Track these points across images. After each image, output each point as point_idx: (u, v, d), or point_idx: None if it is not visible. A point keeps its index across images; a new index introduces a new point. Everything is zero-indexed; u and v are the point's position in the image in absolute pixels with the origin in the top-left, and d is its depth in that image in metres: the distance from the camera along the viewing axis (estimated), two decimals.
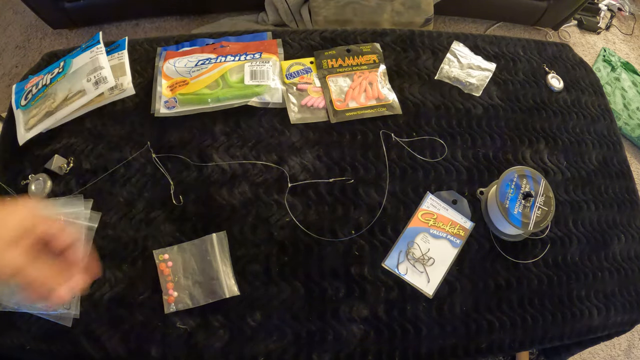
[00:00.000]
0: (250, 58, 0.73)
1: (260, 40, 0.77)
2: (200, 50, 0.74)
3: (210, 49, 0.74)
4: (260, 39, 0.77)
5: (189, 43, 0.76)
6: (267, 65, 0.72)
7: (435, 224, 0.66)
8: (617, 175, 0.76)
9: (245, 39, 0.77)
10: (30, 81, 0.71)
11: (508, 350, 0.63)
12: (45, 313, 0.58)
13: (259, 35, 0.78)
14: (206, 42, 0.76)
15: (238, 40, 0.77)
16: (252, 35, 0.78)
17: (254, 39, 0.77)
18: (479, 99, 0.75)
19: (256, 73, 0.71)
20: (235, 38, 0.77)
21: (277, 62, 0.73)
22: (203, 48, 0.75)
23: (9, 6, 1.56)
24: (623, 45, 1.73)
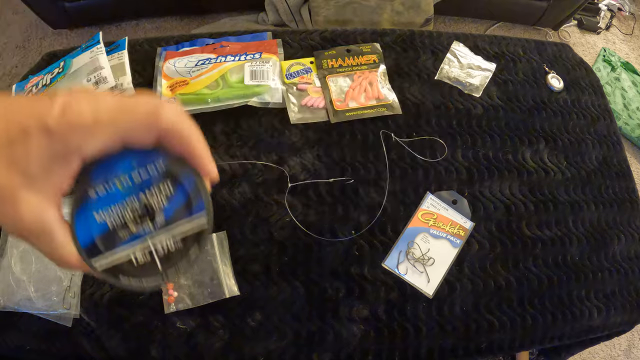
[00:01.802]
0: (250, 58, 0.73)
1: (260, 40, 0.77)
2: (200, 50, 0.74)
3: (210, 49, 0.74)
4: (260, 39, 0.77)
5: (189, 43, 0.76)
6: (267, 65, 0.72)
7: (435, 224, 0.66)
8: (617, 175, 0.76)
9: (245, 39, 0.77)
10: (30, 81, 0.71)
11: (508, 350, 0.63)
12: (45, 313, 0.58)
13: (259, 35, 0.78)
14: (206, 42, 0.76)
15: (238, 40, 0.77)
16: (252, 35, 0.78)
17: (254, 39, 0.77)
18: (479, 99, 0.75)
19: (256, 73, 0.71)
20: (235, 38, 0.77)
21: (277, 62, 0.73)
22: (203, 48, 0.75)
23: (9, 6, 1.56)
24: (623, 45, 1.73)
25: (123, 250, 0.26)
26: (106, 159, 0.25)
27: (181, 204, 0.26)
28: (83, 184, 0.25)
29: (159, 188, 0.26)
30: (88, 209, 0.25)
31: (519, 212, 0.68)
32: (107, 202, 0.26)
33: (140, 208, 0.26)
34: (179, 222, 0.26)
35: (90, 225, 0.25)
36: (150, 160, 0.26)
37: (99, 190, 0.25)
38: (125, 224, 0.26)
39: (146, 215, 0.26)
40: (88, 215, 0.25)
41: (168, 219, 0.26)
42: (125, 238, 0.26)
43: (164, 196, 0.26)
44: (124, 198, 0.26)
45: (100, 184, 0.25)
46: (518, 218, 0.68)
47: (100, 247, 0.25)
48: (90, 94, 0.23)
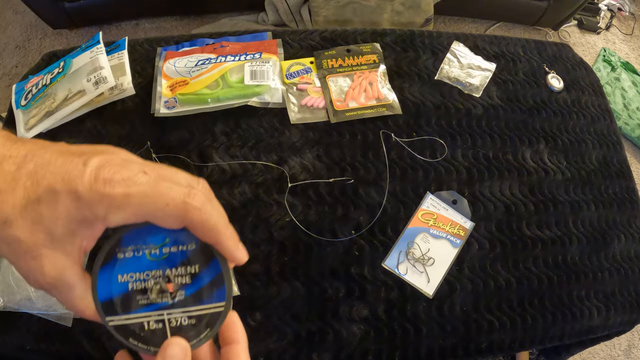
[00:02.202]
0: (250, 58, 0.73)
1: (260, 40, 0.77)
2: (200, 50, 0.74)
3: (210, 49, 0.74)
4: (260, 39, 0.77)
5: (189, 43, 0.76)
6: (267, 65, 0.72)
7: (435, 224, 0.66)
8: (617, 175, 0.76)
9: (245, 39, 0.77)
10: (30, 81, 0.71)
11: (508, 350, 0.63)
12: (45, 313, 0.58)
13: (259, 35, 0.78)
14: (206, 42, 0.76)
15: (238, 40, 0.77)
16: (252, 35, 0.78)
17: (254, 39, 0.77)
18: (479, 99, 0.75)
19: (256, 73, 0.71)
20: (235, 38, 0.77)
21: (277, 62, 0.73)
22: (203, 48, 0.75)
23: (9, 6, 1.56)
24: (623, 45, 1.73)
25: (138, 315, 0.27)
26: (142, 225, 0.26)
27: (203, 287, 0.28)
28: (113, 243, 0.27)
29: (185, 267, 0.28)
30: (113, 269, 0.27)
31: (519, 212, 0.68)
32: (132, 267, 0.27)
33: (162, 281, 0.27)
34: (197, 304, 0.28)
35: (111, 284, 0.27)
36: (182, 240, 0.27)
37: (127, 254, 0.27)
38: (145, 292, 0.27)
39: (167, 288, 0.27)
40: (111, 275, 0.27)
41: (187, 298, 0.27)
42: (142, 305, 0.27)
43: (188, 276, 0.28)
44: (149, 268, 0.27)
45: (130, 249, 0.27)
46: (518, 218, 0.68)
47: (117, 306, 0.27)
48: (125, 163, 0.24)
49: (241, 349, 0.30)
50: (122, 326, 0.27)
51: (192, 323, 0.28)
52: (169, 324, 0.27)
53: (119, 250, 0.27)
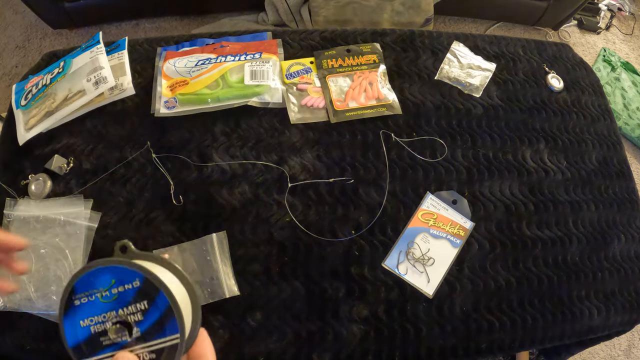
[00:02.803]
0: (250, 58, 0.73)
1: (260, 40, 0.77)
2: (200, 50, 0.74)
3: (210, 49, 0.74)
4: (260, 39, 0.77)
5: (189, 43, 0.76)
6: (267, 65, 0.72)
7: (435, 224, 0.66)
8: (617, 175, 0.76)
9: (245, 39, 0.77)
10: (30, 81, 0.71)
11: (508, 350, 0.63)
12: (45, 313, 0.58)
13: (259, 35, 0.78)
14: (206, 42, 0.76)
15: (238, 40, 0.77)
16: (252, 35, 0.78)
17: (254, 39, 0.77)
18: (479, 99, 0.75)
19: (256, 73, 0.71)
20: (235, 38, 0.77)
21: (277, 62, 0.73)
22: (203, 48, 0.75)
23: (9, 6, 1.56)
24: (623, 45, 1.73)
25: (105, 355, 0.29)
26: (90, 272, 0.29)
27: (155, 322, 0.29)
28: (68, 293, 0.29)
29: (135, 305, 0.29)
30: (75, 315, 0.29)
31: (519, 212, 0.68)
32: (89, 312, 0.29)
33: (118, 320, 0.29)
34: (153, 338, 0.29)
35: (76, 329, 0.29)
36: (126, 279, 0.29)
37: (83, 300, 0.29)
38: (106, 333, 0.29)
39: (124, 326, 0.29)
40: (74, 321, 0.29)
41: (143, 333, 0.29)
42: (106, 345, 0.29)
43: (139, 313, 0.29)
44: (104, 310, 0.29)
45: (84, 295, 0.29)
46: (518, 218, 0.68)
47: (85, 350, 0.29)
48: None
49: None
50: None
51: (153, 357, 0.29)
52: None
53: (75, 298, 0.29)
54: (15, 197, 0.64)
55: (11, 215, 0.62)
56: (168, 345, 0.29)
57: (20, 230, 0.61)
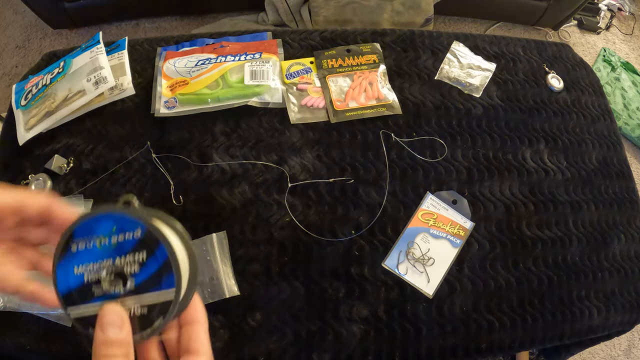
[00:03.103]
0: (250, 58, 0.73)
1: (260, 40, 0.77)
2: (200, 50, 0.74)
3: (210, 49, 0.74)
4: (260, 39, 0.77)
5: (189, 43, 0.76)
6: (267, 65, 0.72)
7: (435, 224, 0.66)
8: (617, 175, 0.76)
9: (245, 39, 0.77)
10: (30, 81, 0.71)
11: (508, 350, 0.63)
12: (45, 313, 0.58)
13: (259, 35, 0.78)
14: (206, 42, 0.76)
15: (238, 40, 0.77)
16: (252, 35, 0.78)
17: (254, 39, 0.77)
18: (479, 99, 0.75)
19: (256, 73, 0.71)
20: (235, 38, 0.77)
21: (277, 62, 0.73)
22: (203, 48, 0.75)
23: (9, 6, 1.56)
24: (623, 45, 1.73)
25: (94, 305, 0.28)
26: (92, 218, 0.28)
27: (152, 275, 0.28)
28: (67, 237, 0.28)
29: (133, 255, 0.28)
30: (69, 262, 0.28)
31: (519, 212, 0.68)
32: (85, 259, 0.28)
33: (114, 270, 0.28)
34: (147, 291, 0.28)
35: (69, 276, 0.28)
36: (128, 227, 0.28)
37: (80, 246, 0.28)
38: (99, 282, 0.28)
39: (119, 277, 0.28)
40: (68, 267, 0.28)
41: (137, 286, 0.28)
42: (97, 295, 0.28)
43: (136, 264, 0.28)
44: (101, 258, 0.28)
45: (82, 241, 0.28)
46: (518, 218, 0.68)
47: (75, 298, 0.28)
48: None
49: (201, 329, 0.30)
50: (82, 317, 0.28)
51: (145, 312, 0.28)
52: None
53: (72, 243, 0.28)
54: None
55: None
56: (162, 301, 0.28)
57: None
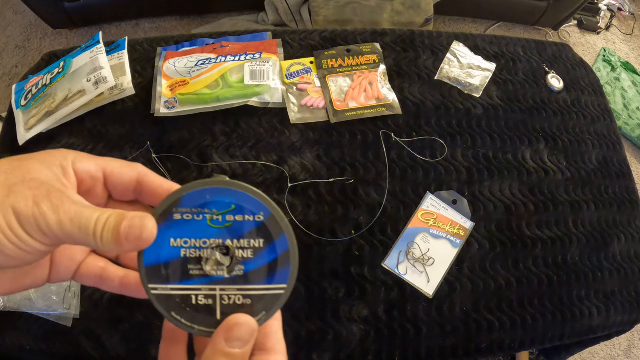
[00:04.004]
0: (250, 58, 0.73)
1: (260, 40, 0.77)
2: (200, 50, 0.74)
3: (210, 49, 0.74)
4: (260, 39, 0.77)
5: (189, 43, 0.76)
6: (267, 65, 0.72)
7: (435, 224, 0.66)
8: (617, 175, 0.76)
9: (245, 39, 0.77)
10: (30, 81, 0.71)
11: (508, 350, 0.63)
12: (45, 313, 0.58)
13: (259, 35, 0.78)
14: (206, 42, 0.76)
15: (238, 40, 0.77)
16: (252, 35, 0.78)
17: (254, 39, 0.77)
18: (479, 99, 0.75)
19: (256, 73, 0.71)
20: (235, 38, 0.77)
21: (277, 62, 0.73)
22: (203, 48, 0.75)
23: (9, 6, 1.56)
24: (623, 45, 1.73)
25: (187, 287, 0.24)
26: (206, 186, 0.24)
27: (265, 265, 0.24)
28: (172, 202, 0.24)
29: (249, 240, 0.24)
30: (167, 231, 0.24)
31: (519, 212, 0.68)
32: (188, 232, 0.24)
33: (222, 251, 0.24)
34: (256, 282, 0.24)
35: (161, 247, 0.24)
36: (250, 209, 0.24)
37: (185, 216, 0.24)
38: (199, 261, 0.24)
39: (225, 261, 0.24)
40: (164, 237, 0.24)
41: (246, 274, 0.24)
42: (194, 275, 0.24)
43: (250, 250, 0.24)
44: (208, 235, 0.24)
45: (189, 211, 0.24)
46: (518, 218, 0.68)
47: (163, 273, 0.24)
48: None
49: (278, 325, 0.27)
50: (166, 296, 0.24)
51: (248, 303, 0.24)
52: (221, 301, 0.24)
53: (176, 211, 0.24)
54: None
55: None
56: (270, 294, 0.24)
57: None
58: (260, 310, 0.24)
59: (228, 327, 0.23)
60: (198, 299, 0.24)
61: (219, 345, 0.23)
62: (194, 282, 0.24)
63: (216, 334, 0.23)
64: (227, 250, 0.24)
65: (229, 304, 0.24)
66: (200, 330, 0.24)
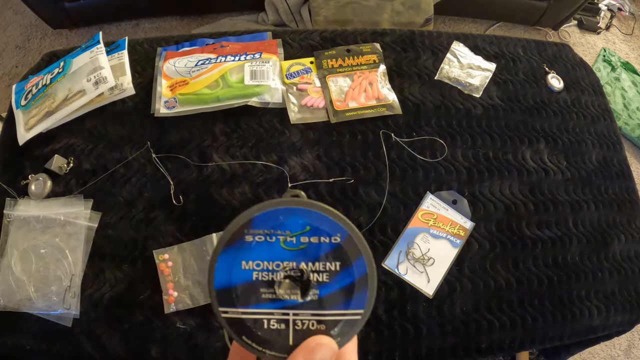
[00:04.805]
0: (250, 58, 0.73)
1: (260, 40, 0.77)
2: (200, 50, 0.74)
3: (210, 49, 0.74)
4: (260, 39, 0.77)
5: (189, 43, 0.76)
6: (267, 65, 0.72)
7: (435, 224, 0.66)
8: (617, 175, 0.76)
9: (245, 39, 0.77)
10: (30, 81, 0.71)
11: (508, 350, 0.63)
12: (45, 313, 0.58)
13: (259, 35, 0.78)
14: (206, 42, 0.76)
15: (238, 40, 0.77)
16: (252, 35, 0.78)
17: (254, 39, 0.77)
18: (479, 99, 0.75)
19: (256, 73, 0.71)
20: (235, 38, 0.77)
21: (277, 62, 0.73)
22: (203, 48, 0.75)
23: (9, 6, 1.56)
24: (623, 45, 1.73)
25: (259, 310, 0.23)
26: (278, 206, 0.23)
27: (342, 289, 0.23)
28: (243, 223, 0.23)
29: (325, 263, 0.23)
30: (237, 253, 0.23)
31: (519, 212, 0.68)
32: (261, 254, 0.23)
33: (295, 274, 0.23)
34: (331, 308, 0.23)
35: (233, 270, 0.23)
36: (326, 230, 0.23)
37: (258, 238, 0.23)
38: (272, 284, 0.23)
39: (298, 284, 0.23)
40: (235, 259, 0.23)
41: (320, 299, 0.23)
42: (266, 299, 0.23)
43: (326, 273, 0.23)
44: (281, 258, 0.23)
45: (262, 233, 0.23)
46: (518, 218, 0.68)
47: (234, 297, 0.23)
48: None
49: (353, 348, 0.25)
50: (237, 320, 0.23)
51: (322, 329, 0.23)
52: (294, 326, 0.23)
53: (247, 232, 0.23)
54: (15, 197, 0.64)
55: (11, 215, 0.62)
56: (345, 319, 0.23)
57: (20, 230, 0.61)
58: (335, 336, 0.23)
59: (309, 349, 0.22)
60: (270, 323, 0.23)
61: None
62: (266, 306, 0.23)
63: (295, 355, 0.22)
64: (301, 273, 0.23)
65: (302, 329, 0.23)
66: (271, 355, 0.23)
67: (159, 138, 0.68)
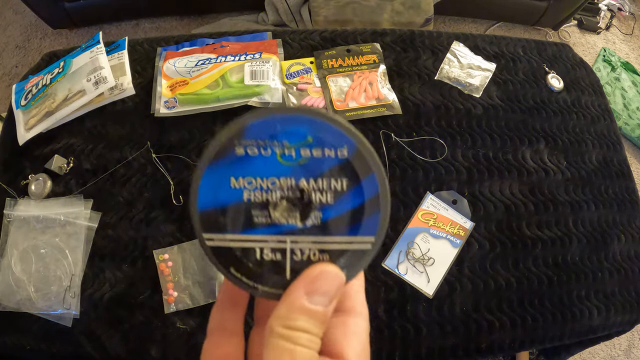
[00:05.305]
0: (250, 58, 0.73)
1: (260, 40, 0.77)
2: (200, 50, 0.74)
3: (210, 49, 0.74)
4: (260, 39, 0.77)
5: (189, 43, 0.76)
6: (267, 65, 0.72)
7: (435, 224, 0.66)
8: (617, 175, 0.76)
9: (245, 39, 0.77)
10: (30, 81, 0.71)
11: (508, 350, 0.63)
12: (45, 313, 0.58)
13: (259, 35, 0.78)
14: (206, 42, 0.76)
15: (238, 40, 0.77)
16: (252, 35, 0.78)
17: (254, 39, 0.77)
18: (479, 99, 0.75)
19: (256, 73, 0.71)
20: (235, 38, 0.77)
21: (277, 62, 0.73)
22: (203, 48, 0.75)
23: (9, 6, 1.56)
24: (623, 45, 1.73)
25: (250, 237, 0.20)
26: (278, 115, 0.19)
27: (348, 212, 0.20)
28: (233, 133, 0.19)
29: (329, 180, 0.19)
30: (226, 168, 0.19)
31: (519, 212, 0.68)
32: (254, 170, 0.19)
33: (294, 194, 0.19)
34: (336, 234, 0.20)
35: (220, 188, 0.19)
36: (331, 141, 0.19)
37: (250, 150, 0.19)
38: (266, 206, 0.19)
39: (298, 206, 0.19)
40: (223, 176, 0.19)
41: (324, 223, 0.20)
42: (259, 224, 0.19)
43: (330, 193, 0.19)
44: (278, 174, 0.19)
45: (255, 144, 0.19)
46: (518, 218, 0.68)
47: (221, 221, 0.19)
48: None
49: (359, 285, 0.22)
50: (225, 249, 0.20)
51: (325, 259, 0.20)
52: (291, 256, 0.20)
53: (238, 143, 0.19)
54: (15, 197, 0.64)
55: (11, 215, 0.62)
56: (353, 249, 0.20)
57: (20, 230, 0.61)
58: (341, 268, 0.20)
59: (311, 278, 0.19)
60: (263, 253, 0.20)
61: (298, 300, 0.18)
62: (259, 232, 0.20)
63: (294, 287, 0.19)
64: (301, 193, 0.19)
65: (301, 259, 0.20)
66: (264, 291, 0.20)
67: (159, 138, 0.68)
